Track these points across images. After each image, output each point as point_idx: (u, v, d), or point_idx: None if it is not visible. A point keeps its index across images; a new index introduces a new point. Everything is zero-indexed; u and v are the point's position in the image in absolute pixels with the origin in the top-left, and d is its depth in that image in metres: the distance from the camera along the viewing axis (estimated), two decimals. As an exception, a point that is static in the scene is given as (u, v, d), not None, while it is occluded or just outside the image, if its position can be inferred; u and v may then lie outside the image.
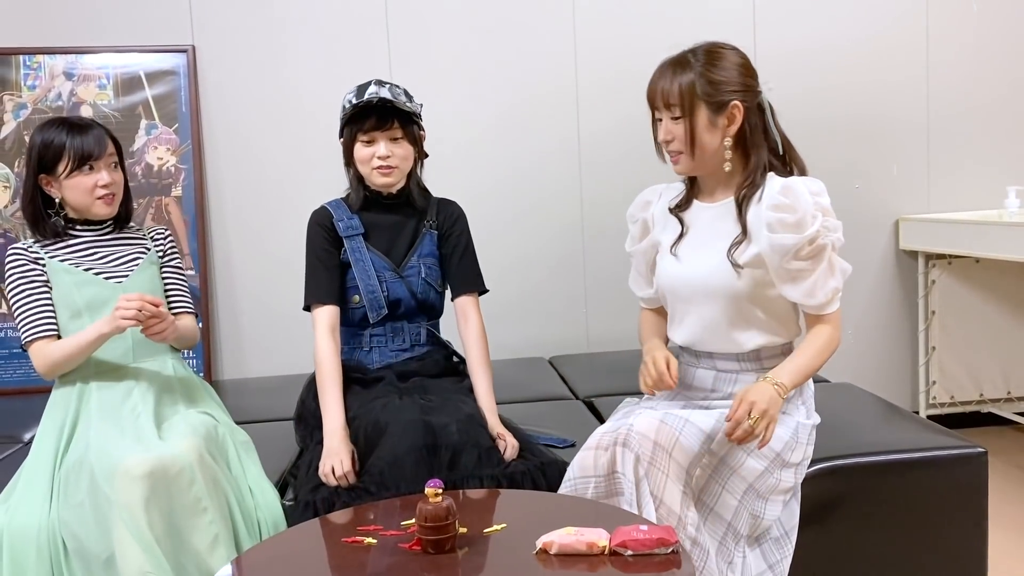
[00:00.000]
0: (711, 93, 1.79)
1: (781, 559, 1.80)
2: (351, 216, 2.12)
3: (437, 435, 1.83)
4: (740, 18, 3.28)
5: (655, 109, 1.86)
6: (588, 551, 1.36)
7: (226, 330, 3.19)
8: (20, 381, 3.01)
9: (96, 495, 1.73)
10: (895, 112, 3.37)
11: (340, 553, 1.46)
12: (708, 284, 1.85)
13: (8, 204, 3.03)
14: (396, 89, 2.07)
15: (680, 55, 1.84)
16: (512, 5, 3.20)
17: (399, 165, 2.06)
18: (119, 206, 2.06)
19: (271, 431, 2.36)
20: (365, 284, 2.08)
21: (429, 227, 2.16)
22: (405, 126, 2.05)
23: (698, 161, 1.84)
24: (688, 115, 1.80)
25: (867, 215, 3.39)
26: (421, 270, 2.12)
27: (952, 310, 3.38)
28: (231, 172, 3.16)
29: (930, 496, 2.00)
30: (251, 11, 3.12)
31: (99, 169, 1.98)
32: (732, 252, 1.83)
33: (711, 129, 1.81)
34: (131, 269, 2.05)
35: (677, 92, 1.79)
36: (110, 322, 1.89)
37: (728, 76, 1.81)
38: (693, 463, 1.68)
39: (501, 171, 3.18)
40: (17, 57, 3.04)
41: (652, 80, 1.85)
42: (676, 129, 1.82)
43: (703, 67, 1.80)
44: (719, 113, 1.80)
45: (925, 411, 3.42)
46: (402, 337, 2.13)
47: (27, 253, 2.00)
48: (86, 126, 1.99)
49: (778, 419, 1.78)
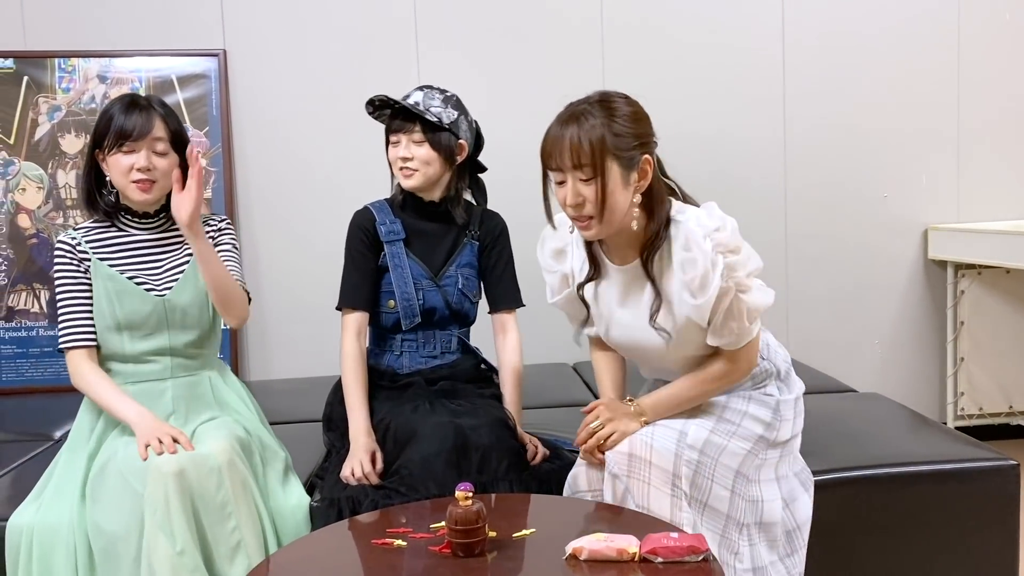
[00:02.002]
0: (623, 148, 1.64)
1: (792, 553, 1.76)
2: (394, 220, 2.12)
3: (467, 437, 1.84)
4: (770, 31, 3.27)
5: (556, 170, 1.68)
6: (618, 558, 1.36)
7: (253, 332, 3.22)
8: (51, 380, 3.05)
9: (127, 493, 1.74)
10: (924, 121, 3.35)
11: (370, 555, 1.47)
12: (646, 349, 1.80)
13: (42, 205, 3.08)
14: (433, 94, 2.08)
15: (578, 108, 1.67)
16: (540, 7, 3.21)
17: (420, 168, 2.05)
18: (160, 193, 1.93)
19: (297, 432, 2.38)
20: (401, 291, 2.07)
21: (470, 237, 2.15)
22: (428, 131, 2.04)
23: (607, 224, 1.67)
24: (600, 174, 1.62)
25: (896, 225, 3.37)
26: (459, 280, 2.12)
27: (981, 321, 3.34)
28: (260, 175, 3.18)
29: (959, 509, 1.98)
30: (282, 15, 3.15)
31: (138, 151, 1.87)
32: (654, 320, 1.73)
33: (624, 188, 1.65)
34: (178, 276, 1.96)
35: (588, 150, 1.61)
36: (141, 427, 1.81)
37: (639, 129, 1.67)
38: (676, 463, 1.64)
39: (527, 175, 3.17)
40: (52, 60, 3.08)
41: (552, 138, 1.67)
42: (586, 191, 1.64)
43: (608, 119, 1.64)
44: (631, 169, 1.66)
45: (953, 422, 3.38)
46: (433, 344, 2.13)
47: (74, 251, 1.93)
48: (142, 106, 1.90)
49: (749, 401, 1.79)
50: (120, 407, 1.87)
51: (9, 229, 3.06)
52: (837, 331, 3.38)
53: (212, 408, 1.99)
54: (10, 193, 3.07)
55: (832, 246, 3.35)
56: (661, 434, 1.68)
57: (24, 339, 3.07)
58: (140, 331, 1.92)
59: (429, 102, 2.07)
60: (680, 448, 1.66)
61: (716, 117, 3.24)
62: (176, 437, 1.79)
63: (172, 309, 1.93)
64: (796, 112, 3.30)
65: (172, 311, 1.93)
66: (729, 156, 3.24)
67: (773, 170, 3.31)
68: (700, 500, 1.67)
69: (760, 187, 3.28)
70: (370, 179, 2.48)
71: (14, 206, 3.07)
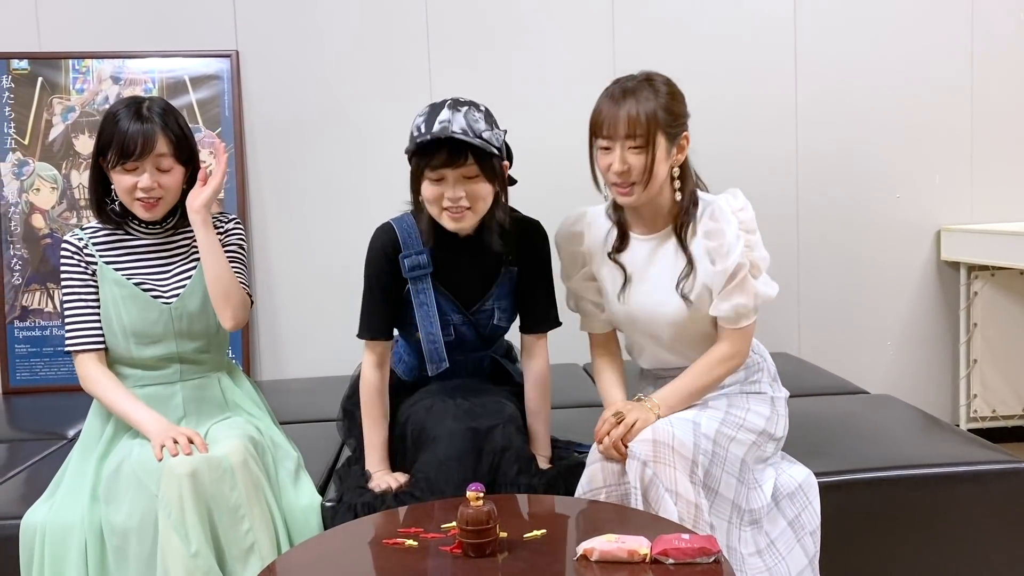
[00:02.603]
0: (671, 123, 1.79)
1: (809, 552, 1.80)
2: (420, 251, 1.86)
3: (482, 440, 1.83)
4: (782, 27, 3.26)
5: (606, 138, 1.79)
6: (629, 559, 1.36)
7: (265, 331, 3.23)
8: (65, 379, 3.06)
9: (141, 493, 1.75)
10: (937, 120, 3.33)
11: (381, 554, 1.47)
12: (656, 320, 1.88)
13: (56, 205, 3.10)
14: (474, 114, 1.76)
15: (638, 84, 1.79)
16: (551, 13, 3.21)
17: (473, 207, 1.78)
18: (165, 208, 1.90)
19: (309, 431, 2.38)
20: (426, 332, 1.87)
21: (508, 263, 1.93)
22: (482, 160, 1.75)
23: (648, 193, 1.81)
24: (650, 145, 1.76)
25: (908, 225, 3.35)
26: (495, 315, 1.94)
27: (994, 322, 3.32)
28: (272, 175, 3.20)
29: (972, 512, 1.97)
30: (294, 17, 3.16)
31: (141, 171, 1.83)
32: (681, 286, 1.84)
33: (666, 160, 1.80)
34: (185, 283, 1.93)
35: (644, 122, 1.75)
36: (155, 430, 1.80)
37: (680, 108, 1.82)
38: (695, 452, 1.70)
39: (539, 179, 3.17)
40: (67, 61, 3.10)
41: (607, 107, 1.79)
42: (634, 160, 1.77)
43: (665, 98, 1.78)
44: (673, 144, 1.81)
45: (966, 424, 3.36)
46: (465, 367, 2.01)
47: (81, 253, 1.91)
48: (144, 118, 1.83)
49: (748, 397, 1.89)
50: (132, 412, 1.86)
51: (23, 229, 3.09)
52: (849, 332, 3.36)
53: (223, 410, 1.99)
54: (24, 193, 3.09)
55: (844, 246, 3.34)
56: (679, 425, 1.74)
57: (38, 338, 3.09)
58: (147, 337, 1.91)
59: (475, 126, 1.74)
60: (697, 438, 1.72)
61: (727, 116, 3.22)
62: (192, 438, 1.79)
63: (179, 316, 1.92)
64: (807, 112, 3.29)
65: (179, 318, 1.92)
66: (740, 156, 3.22)
67: (784, 170, 3.29)
68: (712, 488, 1.73)
69: (771, 188, 3.27)
70: (382, 180, 2.48)
71: (28, 206, 3.09)
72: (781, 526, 1.80)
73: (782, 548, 1.78)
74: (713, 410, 1.83)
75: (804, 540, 1.80)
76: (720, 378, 1.88)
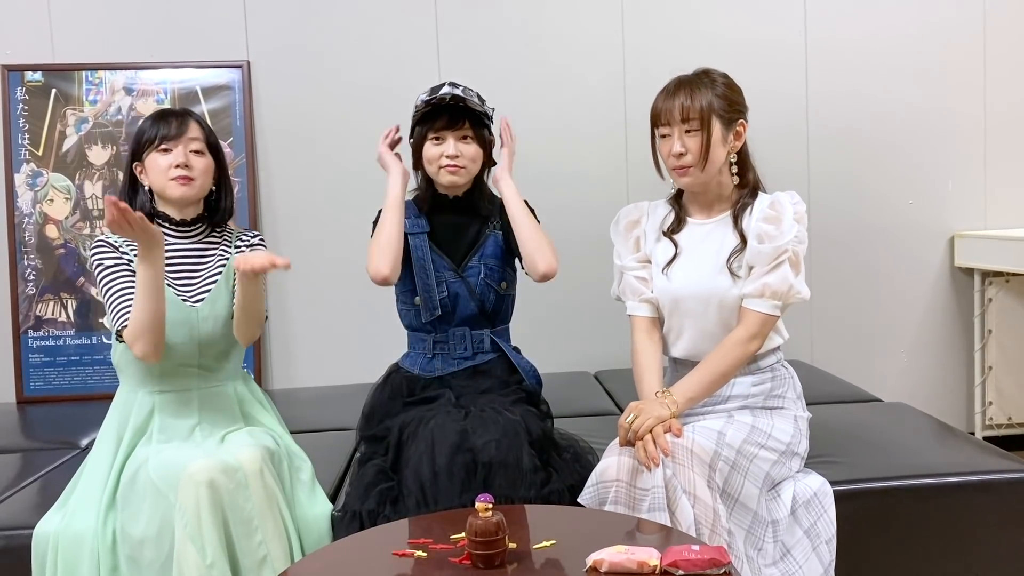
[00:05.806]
0: (726, 110, 1.91)
1: (824, 560, 1.81)
2: (418, 215, 2.15)
3: (476, 454, 1.83)
4: (793, 38, 3.25)
5: (663, 125, 1.93)
6: (639, 570, 1.35)
7: (277, 340, 3.24)
8: (78, 388, 3.09)
9: (157, 501, 1.76)
10: (951, 127, 3.31)
11: (390, 565, 1.46)
12: (700, 295, 1.94)
13: (69, 215, 3.12)
14: (469, 91, 2.12)
15: (694, 76, 1.94)
16: (562, 15, 3.22)
17: (467, 165, 2.08)
18: (199, 191, 1.96)
19: (321, 441, 2.39)
20: (422, 283, 2.09)
21: (494, 228, 2.17)
22: (476, 127, 2.09)
23: (706, 175, 1.92)
24: (705, 128, 1.88)
25: (921, 231, 3.33)
26: (481, 271, 2.12)
27: (1009, 329, 3.30)
28: (284, 185, 3.21)
29: (987, 520, 1.95)
30: (305, 27, 3.18)
31: (175, 149, 1.93)
32: (731, 261, 1.92)
33: (722, 144, 1.91)
34: (210, 287, 1.97)
35: (698, 107, 1.88)
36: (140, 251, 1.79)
37: (737, 98, 1.95)
38: (714, 459, 1.74)
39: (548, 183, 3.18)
40: (80, 73, 3.13)
41: (663, 99, 1.94)
42: (690, 143, 1.90)
43: (721, 87, 1.92)
44: (729, 129, 1.92)
45: (981, 432, 3.33)
46: (464, 345, 2.13)
47: (117, 250, 1.92)
48: (175, 114, 1.98)
49: (772, 414, 1.92)
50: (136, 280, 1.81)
51: (37, 239, 3.11)
52: (862, 340, 3.34)
53: (237, 419, 2.00)
54: (38, 204, 3.11)
55: (857, 253, 3.32)
56: (702, 432, 1.77)
57: (51, 348, 3.11)
58: (168, 339, 1.90)
59: (472, 98, 2.10)
60: (720, 446, 1.75)
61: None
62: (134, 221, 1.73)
63: (204, 319, 1.94)
64: (819, 117, 3.28)
65: (204, 320, 1.94)
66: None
67: (796, 176, 3.28)
68: (732, 496, 1.75)
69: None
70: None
71: (42, 217, 3.11)
72: (798, 535, 1.81)
73: (799, 557, 1.79)
74: (740, 423, 1.85)
75: (820, 549, 1.81)
76: (736, 363, 1.89)
